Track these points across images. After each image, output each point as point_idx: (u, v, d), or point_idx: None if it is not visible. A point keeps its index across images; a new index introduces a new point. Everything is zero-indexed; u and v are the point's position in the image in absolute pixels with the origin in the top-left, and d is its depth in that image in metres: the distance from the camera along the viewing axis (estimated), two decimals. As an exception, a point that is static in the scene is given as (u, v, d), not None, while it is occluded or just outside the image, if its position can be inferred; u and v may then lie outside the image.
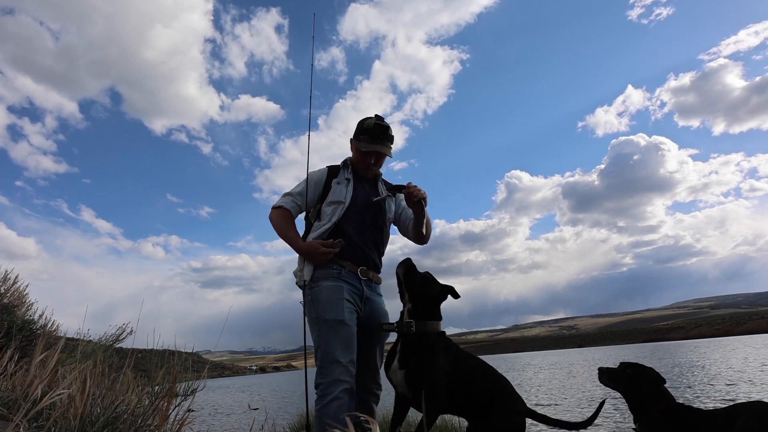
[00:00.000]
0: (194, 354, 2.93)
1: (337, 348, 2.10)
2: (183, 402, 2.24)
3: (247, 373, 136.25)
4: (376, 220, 2.44)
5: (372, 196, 2.46)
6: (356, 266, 2.31)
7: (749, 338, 56.23)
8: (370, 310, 2.33)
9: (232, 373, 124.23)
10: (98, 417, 1.56)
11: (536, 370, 23.79)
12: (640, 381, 2.20)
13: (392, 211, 2.55)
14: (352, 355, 2.14)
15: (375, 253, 2.42)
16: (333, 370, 2.06)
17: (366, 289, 2.32)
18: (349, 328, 2.16)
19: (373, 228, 2.42)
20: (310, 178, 2.44)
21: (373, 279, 2.39)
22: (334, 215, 2.32)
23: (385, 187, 2.56)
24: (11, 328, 2.86)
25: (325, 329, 2.14)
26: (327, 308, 2.17)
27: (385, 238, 2.50)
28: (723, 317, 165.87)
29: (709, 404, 7.11)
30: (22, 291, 3.92)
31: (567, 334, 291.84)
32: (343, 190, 2.38)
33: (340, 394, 2.02)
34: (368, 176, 2.50)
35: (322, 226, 2.32)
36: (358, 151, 2.41)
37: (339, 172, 2.46)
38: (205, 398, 21.81)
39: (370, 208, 2.43)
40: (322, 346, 2.13)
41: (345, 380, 2.06)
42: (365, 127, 2.38)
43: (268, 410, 11.94)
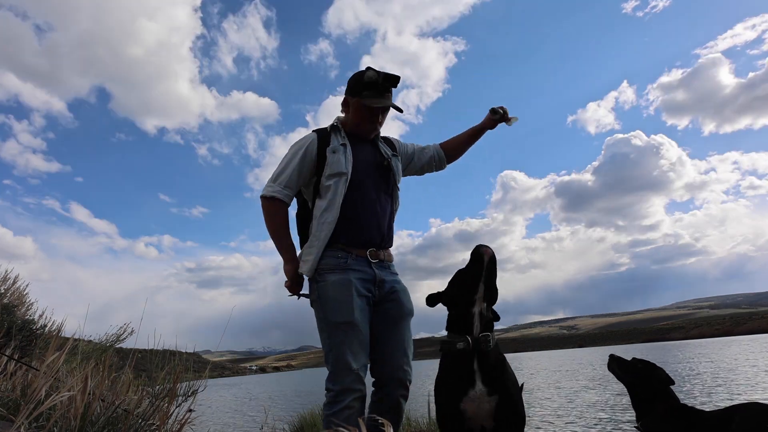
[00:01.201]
0: (194, 354, 2.93)
1: (348, 353, 1.89)
2: (184, 402, 2.23)
3: (247, 373, 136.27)
4: (387, 185, 2.14)
5: (376, 158, 2.15)
6: (364, 249, 2.02)
7: (749, 338, 56.23)
8: (388, 290, 2.05)
9: (232, 373, 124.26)
10: (99, 417, 1.56)
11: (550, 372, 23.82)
12: (649, 378, 2.18)
13: (400, 171, 2.24)
14: (365, 359, 1.94)
15: (387, 226, 2.12)
16: (344, 378, 1.88)
17: (378, 272, 2.03)
18: (360, 330, 1.93)
19: (384, 195, 2.12)
20: (297, 151, 2.08)
21: (385, 259, 2.09)
22: (337, 191, 2.00)
23: (385, 144, 2.25)
24: (11, 328, 2.86)
25: (335, 332, 1.93)
26: (335, 309, 1.94)
27: (395, 204, 2.20)
28: (723, 317, 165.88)
29: (707, 405, 7.11)
30: (22, 291, 3.92)
31: (567, 334, 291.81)
32: (341, 158, 2.03)
33: (352, 403, 1.86)
34: (370, 137, 2.19)
35: (328, 207, 2.01)
36: (362, 109, 2.08)
37: (330, 138, 2.10)
38: (206, 398, 21.81)
39: (378, 172, 2.12)
40: (333, 350, 1.92)
41: (357, 389, 1.88)
42: (367, 80, 2.03)
43: (268, 410, 11.93)
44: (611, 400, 8.89)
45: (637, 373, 2.21)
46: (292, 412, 7.13)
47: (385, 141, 2.27)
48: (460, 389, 1.65)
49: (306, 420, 5.64)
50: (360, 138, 2.16)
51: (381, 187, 2.11)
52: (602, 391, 10.61)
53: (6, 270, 3.90)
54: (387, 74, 2.04)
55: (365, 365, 1.94)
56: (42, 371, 1.52)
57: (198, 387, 2.61)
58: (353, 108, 2.11)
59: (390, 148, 2.26)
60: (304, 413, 5.92)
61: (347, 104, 2.14)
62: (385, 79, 2.03)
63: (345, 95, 2.15)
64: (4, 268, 3.90)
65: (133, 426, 1.64)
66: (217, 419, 11.63)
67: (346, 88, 2.15)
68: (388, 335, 2.01)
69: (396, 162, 2.21)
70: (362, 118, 2.10)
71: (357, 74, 2.10)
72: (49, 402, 1.31)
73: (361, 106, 2.08)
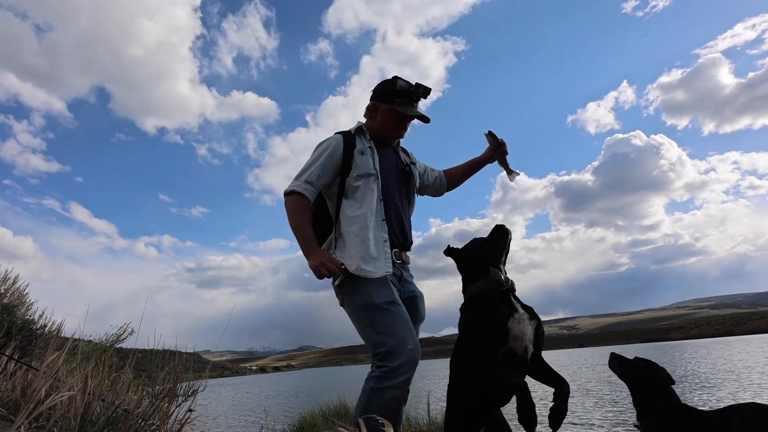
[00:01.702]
0: (194, 354, 2.93)
1: (401, 329, 1.84)
2: (184, 402, 2.24)
3: (247, 373, 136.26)
4: (408, 190, 2.22)
5: (398, 163, 2.22)
6: (391, 249, 2.03)
7: (749, 338, 56.22)
8: (407, 293, 2.09)
9: (232, 373, 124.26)
10: (99, 417, 1.56)
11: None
12: (650, 377, 2.17)
13: (418, 178, 2.32)
14: (416, 338, 1.89)
15: (409, 230, 2.17)
16: (404, 353, 1.79)
17: (402, 272, 2.09)
18: (403, 309, 1.92)
19: (405, 200, 2.19)
20: (323, 151, 2.09)
21: (406, 261, 2.13)
22: (371, 190, 2.03)
23: (405, 153, 2.33)
24: (11, 328, 2.86)
25: (380, 313, 1.88)
26: (377, 292, 1.91)
27: (413, 209, 2.29)
28: (723, 317, 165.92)
29: (706, 405, 7.11)
30: (22, 291, 3.92)
31: (567, 334, 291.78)
32: (370, 160, 2.07)
33: (403, 384, 1.78)
34: (395, 143, 2.27)
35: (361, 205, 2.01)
36: (394, 116, 2.13)
37: (355, 140, 2.13)
38: (206, 398, 21.83)
39: (400, 177, 2.19)
40: (382, 329, 1.85)
41: (411, 369, 1.80)
42: (399, 89, 2.11)
43: (268, 410, 11.94)
44: (611, 400, 8.90)
45: (638, 372, 2.20)
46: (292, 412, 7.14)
47: (404, 151, 2.35)
48: (505, 312, 1.78)
49: (306, 420, 5.64)
50: (382, 143, 2.21)
51: (402, 191, 2.18)
52: (602, 391, 10.61)
53: (6, 270, 3.90)
54: (421, 85, 2.13)
55: (418, 345, 1.87)
56: (42, 371, 1.52)
57: (198, 387, 2.61)
58: (384, 114, 2.16)
59: (407, 156, 2.35)
60: (304, 413, 5.92)
61: (375, 110, 2.18)
62: (418, 89, 2.13)
63: (373, 101, 2.19)
64: (4, 268, 3.90)
65: (133, 426, 1.64)
66: (217, 419, 11.63)
67: (373, 95, 2.21)
68: None
69: (415, 169, 2.30)
70: (392, 124, 2.16)
71: (388, 82, 2.17)
72: (49, 402, 1.31)
73: (393, 113, 2.13)
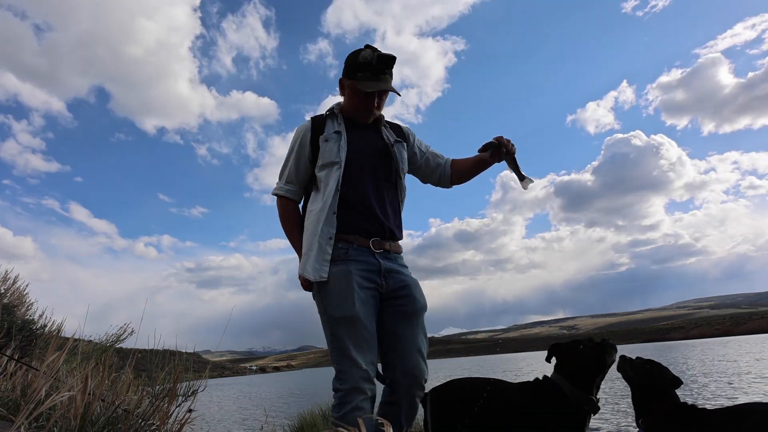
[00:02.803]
0: (194, 354, 2.93)
1: (352, 349, 1.75)
2: (184, 402, 2.24)
3: (247, 373, 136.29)
4: (388, 173, 1.99)
5: (376, 143, 1.99)
6: (367, 239, 1.88)
7: (749, 338, 56.21)
8: (395, 283, 1.90)
9: (232, 373, 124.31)
10: (99, 417, 1.56)
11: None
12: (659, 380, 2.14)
13: (405, 159, 2.06)
14: (372, 356, 1.79)
15: (392, 217, 1.97)
16: (351, 376, 1.74)
17: (384, 262, 1.89)
18: (363, 324, 1.79)
19: (387, 184, 1.98)
20: (293, 144, 2.00)
21: (392, 250, 1.94)
22: (330, 181, 1.88)
23: (391, 130, 2.08)
24: (11, 328, 2.86)
25: (337, 328, 1.79)
26: (335, 303, 1.80)
27: (401, 193, 2.04)
28: (723, 317, 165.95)
29: (705, 405, 7.11)
30: (22, 291, 3.92)
31: (567, 334, 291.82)
32: (334, 147, 1.90)
33: (361, 404, 1.72)
34: (367, 122, 2.01)
35: (321, 198, 1.89)
36: (357, 93, 1.91)
37: (325, 125, 1.97)
38: (206, 398, 21.86)
39: (378, 160, 1.97)
40: (336, 347, 1.79)
41: (365, 388, 1.74)
42: (362, 61, 1.87)
43: (268, 410, 11.94)
44: (612, 399, 8.90)
45: (646, 374, 2.17)
46: (292, 412, 7.14)
47: (392, 127, 2.10)
48: None
49: (306, 420, 5.64)
50: (361, 123, 2.01)
51: (381, 175, 1.96)
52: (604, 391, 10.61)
53: (6, 270, 3.89)
54: (381, 54, 1.86)
55: (373, 362, 1.79)
56: (42, 371, 1.53)
57: (198, 387, 2.61)
58: (348, 91, 1.96)
59: (396, 134, 2.08)
60: (304, 413, 5.92)
61: (342, 86, 1.99)
62: (379, 60, 1.86)
63: (341, 77, 1.99)
64: (4, 268, 3.90)
65: (133, 426, 1.64)
66: (217, 419, 11.63)
67: (342, 69, 1.99)
68: (402, 332, 1.88)
69: (400, 149, 2.04)
70: (358, 101, 1.94)
71: (353, 53, 1.93)
72: (49, 402, 1.31)
73: (355, 90, 1.92)
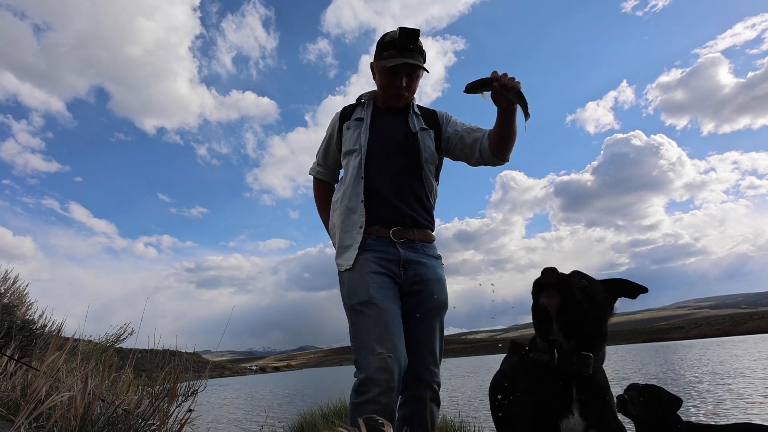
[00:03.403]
0: (194, 354, 2.94)
1: (368, 335, 1.65)
2: (184, 402, 2.24)
3: (247, 373, 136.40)
4: (410, 162, 1.90)
5: (400, 131, 1.92)
6: (387, 228, 1.81)
7: (749, 338, 56.26)
8: (416, 274, 1.80)
9: (232, 373, 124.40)
10: (99, 417, 1.56)
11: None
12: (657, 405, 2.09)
13: (429, 147, 1.95)
14: (393, 341, 1.64)
15: (416, 205, 1.88)
16: (369, 365, 1.62)
17: (405, 252, 1.80)
18: (381, 308, 1.68)
19: (407, 172, 1.89)
20: (327, 130, 2.04)
21: (417, 238, 1.85)
22: (350, 169, 1.87)
23: (420, 118, 2.00)
24: (11, 328, 2.86)
25: (354, 316, 1.72)
26: (351, 291, 1.74)
27: (427, 182, 1.94)
28: (723, 317, 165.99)
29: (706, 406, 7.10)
30: (21, 291, 3.92)
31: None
32: (354, 135, 1.90)
33: (377, 397, 1.59)
34: (400, 105, 1.96)
35: (344, 186, 1.88)
36: (384, 72, 1.88)
37: (353, 113, 1.97)
38: (206, 398, 21.88)
39: (400, 147, 1.90)
40: (354, 336, 1.71)
41: (382, 378, 1.59)
42: (389, 40, 1.84)
43: (268, 410, 11.94)
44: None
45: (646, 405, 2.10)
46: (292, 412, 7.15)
47: (425, 113, 2.03)
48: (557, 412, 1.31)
49: (306, 420, 5.64)
50: (390, 110, 1.97)
51: (401, 163, 1.89)
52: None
53: (6, 270, 3.89)
54: (403, 29, 1.81)
55: (395, 347, 1.63)
56: (42, 371, 1.53)
57: (198, 387, 2.61)
58: (376, 74, 1.95)
59: (426, 120, 1.99)
60: (304, 413, 5.93)
61: (373, 72, 1.98)
62: (401, 35, 1.80)
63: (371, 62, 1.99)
64: (4, 268, 3.90)
65: (133, 426, 1.64)
66: (217, 419, 11.63)
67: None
68: (414, 330, 1.77)
69: (425, 137, 1.94)
70: (385, 81, 1.91)
71: (381, 36, 1.92)
72: (49, 402, 1.31)
73: (381, 69, 1.90)
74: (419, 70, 1.89)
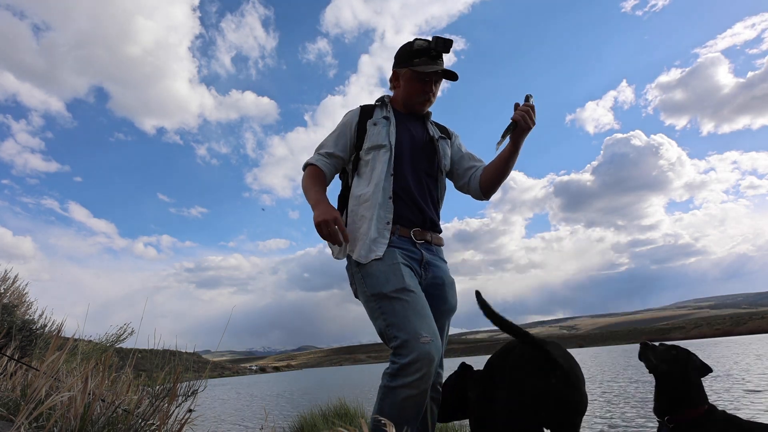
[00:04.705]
0: (194, 354, 2.94)
1: (410, 320, 1.59)
2: (184, 402, 2.24)
3: (247, 373, 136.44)
4: (431, 166, 1.95)
5: (423, 135, 1.97)
6: (408, 229, 1.82)
7: (749, 338, 56.26)
8: (433, 277, 1.83)
9: (232, 373, 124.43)
10: (99, 417, 1.56)
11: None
12: (685, 366, 1.87)
13: (448, 155, 2.03)
14: (433, 327, 1.62)
15: (432, 209, 1.92)
16: (413, 348, 1.54)
17: (425, 254, 1.83)
18: (417, 294, 1.66)
19: (427, 176, 1.93)
20: (341, 122, 1.99)
21: (433, 241, 1.89)
22: (378, 164, 1.84)
23: (436, 128, 2.06)
24: (11, 328, 2.86)
25: (389, 303, 1.65)
26: (384, 280, 1.69)
27: (441, 188, 2.00)
28: (723, 317, 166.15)
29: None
30: (21, 291, 3.92)
31: (568, 334, 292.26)
32: (382, 131, 1.89)
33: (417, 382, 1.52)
34: (424, 111, 2.02)
35: (370, 181, 1.83)
36: (414, 78, 1.92)
37: (374, 112, 1.97)
38: (206, 398, 21.86)
39: (422, 151, 1.94)
40: (394, 322, 1.62)
41: (425, 362, 1.53)
42: (417, 48, 1.89)
43: (268, 410, 11.94)
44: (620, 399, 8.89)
45: (673, 361, 1.91)
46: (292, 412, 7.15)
47: (438, 126, 2.10)
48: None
49: (306, 420, 5.65)
50: (409, 116, 2.02)
51: (423, 167, 1.93)
52: (610, 391, 10.61)
53: (5, 270, 3.89)
54: (439, 37, 1.87)
55: (435, 334, 1.61)
56: (42, 371, 1.53)
57: (198, 387, 2.61)
58: (404, 79, 1.96)
59: (441, 132, 2.07)
60: (304, 413, 5.93)
61: (397, 78, 2.00)
62: (437, 44, 1.87)
63: (393, 69, 2.01)
64: (4, 268, 3.90)
65: (133, 426, 1.64)
66: (217, 419, 11.63)
67: (394, 62, 2.02)
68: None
69: (444, 144, 2.01)
70: (414, 87, 1.94)
71: (405, 45, 1.96)
72: (49, 402, 1.31)
73: (413, 75, 1.92)
74: (442, 78, 1.97)
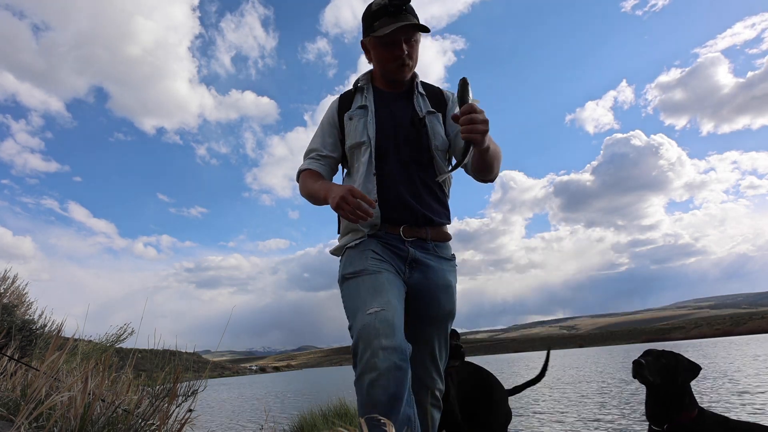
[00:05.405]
0: (194, 354, 2.94)
1: (365, 295, 1.45)
2: (184, 402, 2.24)
3: (247, 373, 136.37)
4: (419, 151, 1.66)
5: (406, 117, 1.68)
6: (396, 226, 1.62)
7: (749, 338, 56.19)
8: (423, 277, 1.62)
9: (232, 373, 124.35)
10: (99, 417, 1.56)
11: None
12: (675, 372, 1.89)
13: (438, 133, 1.69)
14: (384, 299, 1.41)
15: (429, 200, 1.67)
16: (356, 324, 1.38)
17: (415, 251, 1.61)
18: (372, 275, 1.51)
19: (417, 165, 1.66)
20: (323, 119, 1.79)
21: (430, 237, 1.66)
22: (358, 164, 1.65)
23: (426, 99, 1.74)
24: (11, 328, 2.86)
25: (346, 284, 1.56)
26: (347, 263, 1.60)
27: (438, 172, 1.68)
28: (723, 317, 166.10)
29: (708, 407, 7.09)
30: (21, 291, 3.92)
31: (568, 334, 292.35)
32: (359, 125, 1.66)
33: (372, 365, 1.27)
34: (405, 77, 1.70)
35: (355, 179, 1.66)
36: (380, 45, 1.63)
37: (353, 100, 1.74)
38: (206, 398, 21.86)
39: (406, 136, 1.66)
40: (347, 303, 1.52)
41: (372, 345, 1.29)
42: (375, 8, 1.61)
43: (268, 410, 11.94)
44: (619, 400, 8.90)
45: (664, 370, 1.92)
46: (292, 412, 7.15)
47: (430, 93, 1.78)
48: None
49: (306, 420, 5.65)
50: (392, 94, 1.74)
51: (410, 156, 1.66)
52: (609, 391, 10.61)
53: (5, 270, 3.90)
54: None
55: (389, 302, 1.40)
56: (42, 371, 1.53)
57: (198, 387, 2.61)
58: (371, 49, 1.69)
59: (433, 102, 1.74)
60: (304, 413, 5.93)
61: (366, 50, 1.73)
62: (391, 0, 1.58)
63: (361, 42, 1.74)
64: (4, 268, 3.90)
65: (133, 426, 1.64)
66: (217, 419, 11.63)
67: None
68: (418, 336, 1.61)
69: (433, 121, 1.69)
70: (382, 55, 1.65)
71: (365, 10, 1.70)
72: (49, 402, 1.31)
73: (377, 41, 1.63)
74: (417, 33, 1.64)
